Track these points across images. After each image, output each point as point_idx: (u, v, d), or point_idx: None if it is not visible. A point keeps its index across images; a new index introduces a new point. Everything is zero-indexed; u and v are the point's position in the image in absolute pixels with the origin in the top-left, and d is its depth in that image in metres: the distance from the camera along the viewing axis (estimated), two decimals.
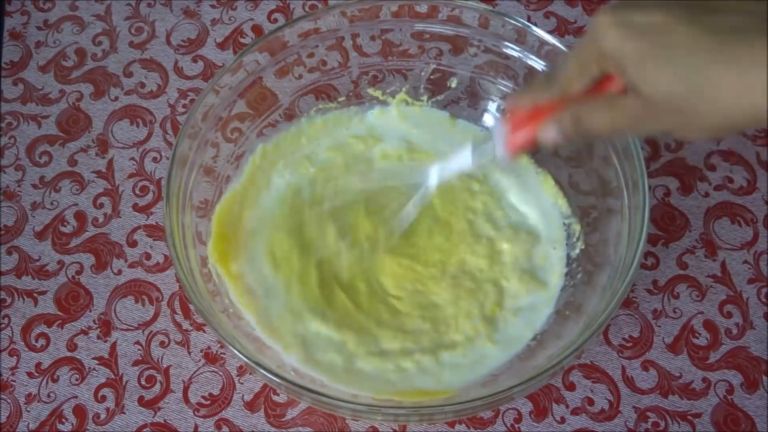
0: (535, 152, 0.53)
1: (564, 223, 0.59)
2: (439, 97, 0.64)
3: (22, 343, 0.58)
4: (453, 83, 0.63)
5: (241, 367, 0.56)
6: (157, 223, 0.63)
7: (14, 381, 0.57)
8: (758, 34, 0.34)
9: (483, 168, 0.60)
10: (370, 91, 0.64)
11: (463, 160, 0.50)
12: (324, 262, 0.57)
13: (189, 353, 0.57)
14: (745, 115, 0.35)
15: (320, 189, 0.60)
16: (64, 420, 0.55)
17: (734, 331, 0.57)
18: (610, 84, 0.41)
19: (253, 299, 0.55)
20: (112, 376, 0.57)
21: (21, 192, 0.64)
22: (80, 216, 0.63)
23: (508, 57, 0.60)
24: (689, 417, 0.54)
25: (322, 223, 0.58)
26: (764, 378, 0.55)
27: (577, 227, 0.58)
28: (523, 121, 0.44)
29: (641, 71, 0.37)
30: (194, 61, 0.70)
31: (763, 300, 0.58)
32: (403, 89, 0.64)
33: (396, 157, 0.62)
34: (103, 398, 0.56)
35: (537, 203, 0.60)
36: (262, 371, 0.46)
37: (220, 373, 0.56)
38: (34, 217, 0.63)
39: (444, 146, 0.62)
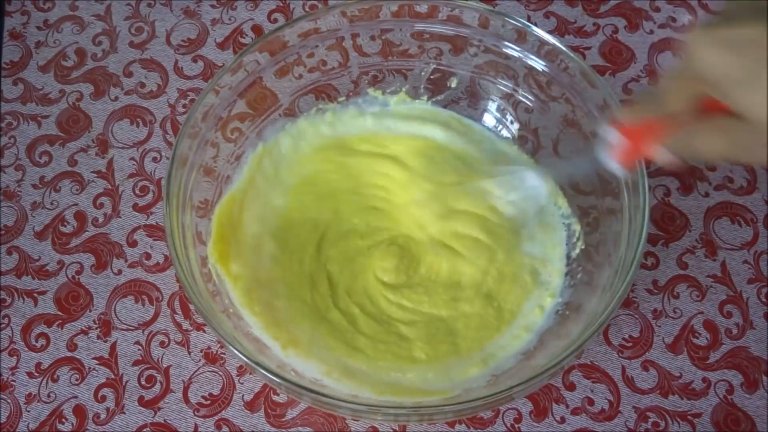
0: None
1: (564, 223, 0.59)
2: (439, 97, 0.64)
3: (22, 343, 0.58)
4: (453, 83, 0.63)
5: (241, 367, 0.56)
6: (157, 223, 0.63)
7: (14, 381, 0.57)
8: None
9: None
10: (370, 91, 0.64)
11: (585, 165, 0.50)
12: (327, 264, 0.58)
13: (189, 353, 0.57)
14: None
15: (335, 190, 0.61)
16: (64, 420, 0.55)
17: (734, 331, 0.57)
18: (720, 104, 0.37)
19: (254, 299, 0.55)
20: (112, 376, 0.57)
21: (21, 192, 0.64)
22: (80, 216, 0.63)
23: (508, 57, 0.60)
24: (689, 417, 0.54)
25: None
26: (764, 378, 0.55)
27: (577, 227, 0.58)
28: (636, 135, 0.42)
29: (743, 94, 0.33)
30: (194, 61, 0.70)
31: (763, 300, 0.58)
32: (403, 89, 0.64)
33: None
34: (103, 398, 0.56)
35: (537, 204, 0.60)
36: (262, 371, 0.46)
37: (220, 373, 0.56)
38: (34, 217, 0.63)
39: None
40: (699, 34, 0.35)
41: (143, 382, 0.56)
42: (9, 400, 0.56)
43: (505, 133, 0.63)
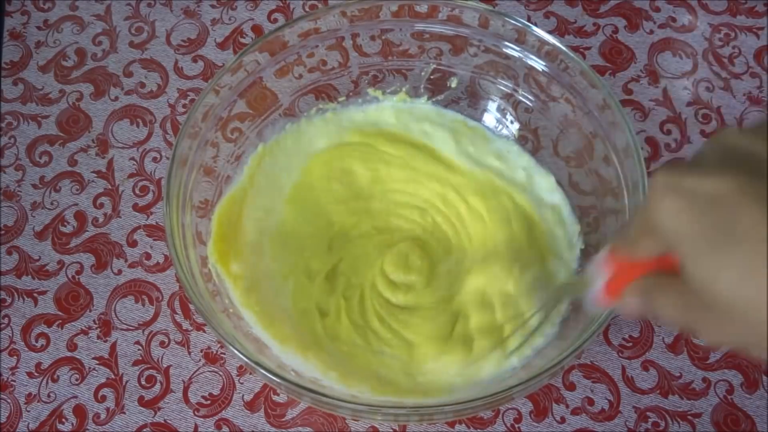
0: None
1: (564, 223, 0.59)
2: (439, 97, 0.64)
3: (22, 343, 0.58)
4: (453, 83, 0.63)
5: (241, 367, 0.56)
6: (157, 223, 0.63)
7: (14, 381, 0.57)
8: None
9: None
10: (370, 91, 0.64)
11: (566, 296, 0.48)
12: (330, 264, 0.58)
13: (189, 353, 0.57)
14: None
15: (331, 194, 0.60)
16: (64, 420, 0.55)
17: None
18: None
19: (253, 299, 0.55)
20: (112, 376, 0.57)
21: (21, 192, 0.64)
22: (80, 216, 0.63)
23: (508, 57, 0.60)
24: (689, 417, 0.54)
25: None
26: (764, 378, 0.55)
27: (577, 227, 0.58)
28: (614, 276, 0.39)
29: (694, 260, 0.28)
30: (194, 61, 0.70)
31: None
32: (403, 89, 0.64)
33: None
34: (103, 398, 0.56)
35: (537, 203, 0.60)
36: (262, 371, 0.46)
37: (220, 373, 0.56)
38: (34, 217, 0.63)
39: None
40: (662, 174, 0.30)
41: (143, 382, 0.56)
42: (9, 400, 0.56)
43: (505, 132, 0.63)
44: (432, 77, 0.64)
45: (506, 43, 0.59)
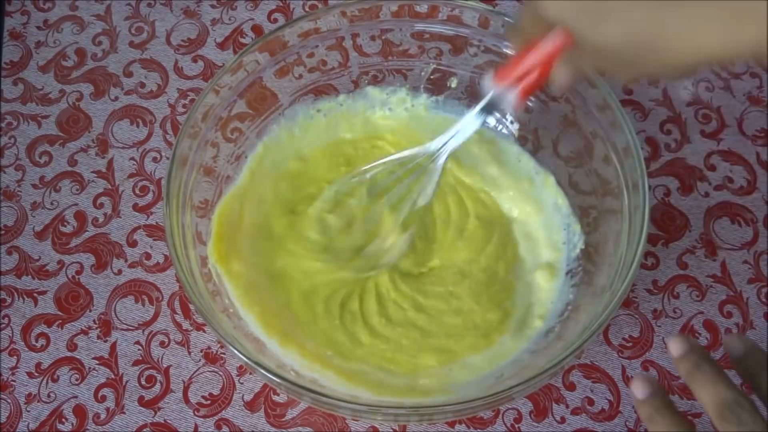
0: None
1: (564, 223, 0.59)
2: (439, 97, 0.64)
3: (22, 343, 0.58)
4: (453, 83, 0.63)
5: (241, 367, 0.56)
6: (157, 223, 0.63)
7: (14, 381, 0.57)
8: None
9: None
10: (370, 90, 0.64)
11: (469, 124, 0.51)
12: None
13: (189, 353, 0.57)
14: (700, 57, 0.36)
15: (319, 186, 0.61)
16: (64, 420, 0.55)
17: (734, 331, 0.57)
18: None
19: (254, 299, 0.55)
20: (112, 376, 0.57)
21: (21, 192, 0.64)
22: (80, 216, 0.63)
23: (508, 57, 0.59)
24: (689, 417, 0.54)
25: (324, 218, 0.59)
26: None
27: (577, 227, 0.58)
28: (519, 60, 0.45)
29: (582, 32, 0.39)
30: (194, 61, 0.70)
31: (763, 300, 0.58)
32: (403, 89, 0.64)
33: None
34: (103, 398, 0.56)
35: (537, 203, 0.60)
36: (262, 371, 0.46)
37: (220, 373, 0.56)
38: (34, 217, 0.63)
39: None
40: None
41: (143, 382, 0.56)
42: (9, 400, 0.56)
43: (505, 132, 0.63)
44: (432, 77, 0.64)
45: (506, 43, 0.59)
